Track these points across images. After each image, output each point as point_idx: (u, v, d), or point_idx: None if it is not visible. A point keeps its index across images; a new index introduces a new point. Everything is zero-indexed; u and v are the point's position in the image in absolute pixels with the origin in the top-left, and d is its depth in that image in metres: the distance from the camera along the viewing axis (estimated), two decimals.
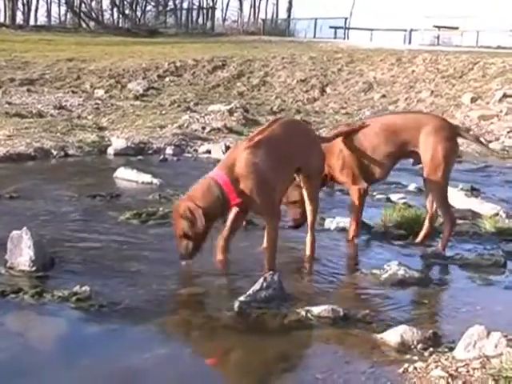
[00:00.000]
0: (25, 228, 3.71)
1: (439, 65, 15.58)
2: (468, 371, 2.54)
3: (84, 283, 3.37)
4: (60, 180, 6.48)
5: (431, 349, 2.85)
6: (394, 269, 3.81)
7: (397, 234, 4.73)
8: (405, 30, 31.96)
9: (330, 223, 4.89)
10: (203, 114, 10.97)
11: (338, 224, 4.84)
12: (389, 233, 4.77)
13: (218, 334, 3.04)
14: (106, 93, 13.52)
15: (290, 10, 41.34)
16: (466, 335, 2.76)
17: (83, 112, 11.01)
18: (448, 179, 4.39)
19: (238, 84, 15.56)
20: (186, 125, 10.07)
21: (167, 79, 15.55)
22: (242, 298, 3.28)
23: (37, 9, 39.62)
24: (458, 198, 5.67)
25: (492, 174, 7.85)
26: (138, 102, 12.51)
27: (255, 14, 42.41)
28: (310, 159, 3.97)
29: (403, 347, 2.88)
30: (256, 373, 2.73)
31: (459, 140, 4.54)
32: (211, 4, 42.43)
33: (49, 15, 40.90)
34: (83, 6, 39.20)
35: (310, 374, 2.68)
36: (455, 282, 3.95)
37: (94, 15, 39.34)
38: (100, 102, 12.16)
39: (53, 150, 7.79)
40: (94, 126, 9.75)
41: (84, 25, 36.71)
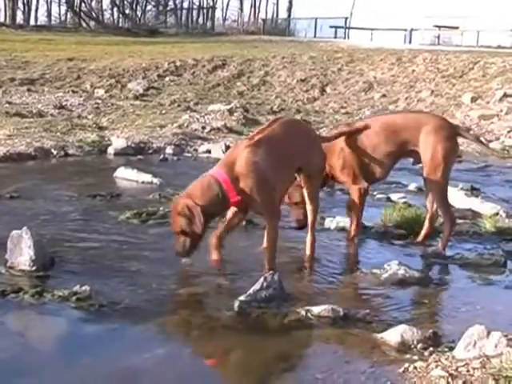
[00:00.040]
0: (25, 228, 3.71)
1: (439, 64, 15.57)
2: (468, 371, 2.54)
3: (84, 283, 3.37)
4: (60, 180, 6.48)
5: (431, 348, 2.85)
6: (394, 268, 3.81)
7: (397, 234, 4.74)
8: (405, 30, 31.97)
9: (330, 223, 4.90)
10: (203, 114, 10.97)
11: (338, 223, 4.84)
12: (389, 232, 4.77)
13: (217, 334, 3.04)
14: (106, 92, 13.51)
15: (290, 10, 41.39)
16: (466, 335, 2.76)
17: (83, 112, 11.01)
18: (448, 179, 4.39)
19: (238, 83, 15.56)
20: (186, 124, 10.07)
21: (167, 79, 15.54)
22: (242, 297, 3.28)
23: (37, 8, 39.68)
24: (458, 198, 5.66)
25: (492, 174, 7.85)
26: (138, 102, 12.51)
27: (255, 14, 42.48)
28: (311, 159, 3.97)
29: (403, 347, 2.88)
30: (256, 373, 2.73)
31: (459, 140, 4.54)
32: (211, 4, 42.47)
33: (49, 15, 40.92)
34: (83, 5, 39.22)
35: (309, 373, 2.68)
36: (455, 281, 3.95)
37: (94, 15, 39.35)
38: (100, 101, 12.15)
39: (53, 149, 7.79)
40: (94, 125, 9.75)
41: (84, 24, 36.71)
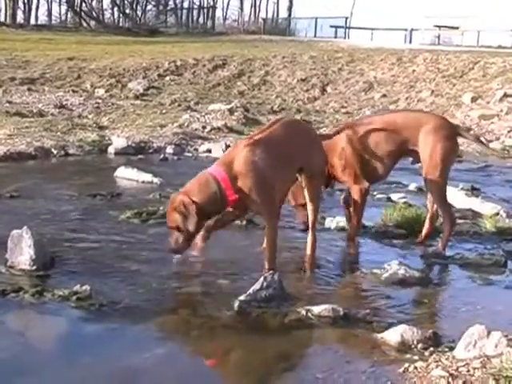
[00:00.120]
0: (25, 227, 3.71)
1: (440, 64, 15.57)
2: (468, 371, 2.54)
3: (84, 282, 3.37)
4: (60, 179, 6.48)
5: (431, 348, 2.85)
6: (394, 268, 3.80)
7: (397, 234, 4.74)
8: (405, 30, 31.96)
9: (330, 223, 4.89)
10: (203, 114, 10.97)
11: (339, 223, 4.84)
12: (389, 232, 4.77)
13: (217, 334, 3.04)
14: (106, 92, 13.52)
15: (290, 9, 41.39)
16: (467, 335, 2.76)
17: (84, 111, 11.01)
18: (447, 179, 4.38)
19: (238, 83, 15.55)
20: (186, 124, 10.07)
21: (168, 78, 15.54)
22: (242, 297, 3.28)
23: (37, 8, 39.63)
24: (458, 198, 5.67)
25: (492, 174, 7.85)
26: (138, 102, 12.51)
27: (256, 13, 42.48)
28: (312, 159, 3.97)
29: (403, 347, 2.88)
30: (256, 372, 2.73)
31: (460, 139, 4.53)
32: (212, 3, 42.46)
33: (49, 14, 40.91)
34: (84, 5, 39.20)
35: (310, 373, 2.68)
36: (455, 281, 3.95)
37: (94, 14, 39.34)
38: (100, 101, 12.15)
39: (53, 149, 7.80)
40: (95, 125, 9.75)
41: (85, 24, 36.70)
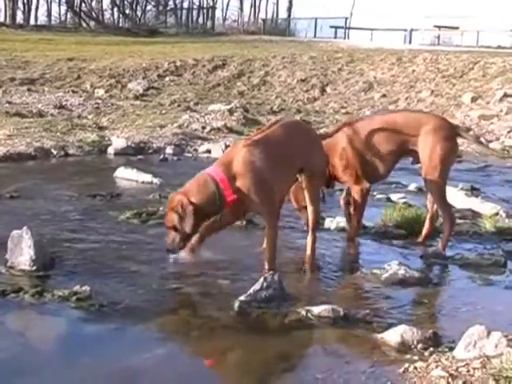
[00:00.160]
0: (25, 227, 3.71)
1: (439, 64, 15.57)
2: (468, 371, 2.54)
3: (84, 283, 3.37)
4: (60, 179, 6.48)
5: (431, 348, 2.85)
6: (394, 268, 3.80)
7: (397, 234, 4.74)
8: (405, 30, 31.97)
9: (330, 223, 4.89)
10: (203, 114, 10.97)
11: (338, 224, 4.84)
12: (389, 232, 4.77)
13: (217, 334, 3.04)
14: (106, 92, 13.52)
15: (290, 10, 41.37)
16: (467, 335, 2.76)
17: (83, 111, 11.01)
18: (446, 179, 4.38)
19: (238, 84, 15.56)
20: (186, 124, 10.07)
21: (167, 79, 15.54)
22: (242, 297, 3.28)
23: (37, 8, 39.65)
24: (458, 198, 5.66)
25: (492, 174, 7.85)
26: (138, 102, 12.51)
27: (255, 14, 42.48)
28: (312, 159, 3.96)
29: (403, 347, 2.88)
30: (256, 373, 2.73)
31: (459, 140, 4.54)
32: (211, 4, 42.47)
33: (49, 15, 40.90)
34: (83, 5, 39.23)
35: (310, 373, 2.68)
36: (455, 281, 3.95)
37: (94, 15, 39.35)
38: (100, 101, 12.15)
39: (53, 149, 7.80)
40: (94, 125, 9.75)
41: (84, 24, 36.72)
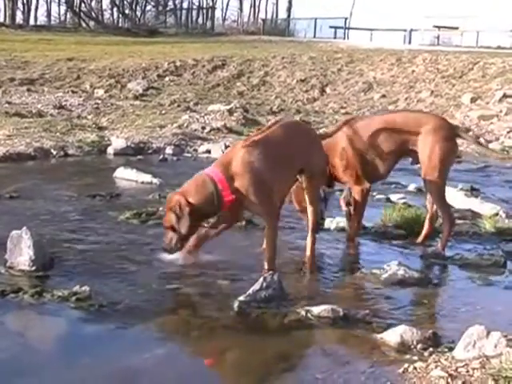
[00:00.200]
0: (24, 228, 3.71)
1: (439, 65, 15.57)
2: (468, 371, 2.54)
3: (84, 283, 3.37)
4: (60, 180, 6.48)
5: (431, 349, 2.85)
6: (393, 269, 3.81)
7: (397, 234, 4.74)
8: (405, 30, 31.97)
9: (329, 223, 4.89)
10: (203, 114, 10.97)
11: (338, 224, 4.84)
12: (389, 233, 4.77)
13: (217, 334, 3.04)
14: (105, 92, 13.51)
15: (289, 10, 41.35)
16: (466, 335, 2.76)
17: (83, 112, 11.01)
18: (445, 179, 4.38)
19: (237, 84, 15.56)
20: (185, 124, 10.07)
21: (167, 79, 15.54)
22: (242, 297, 3.28)
23: (37, 8, 39.64)
24: (457, 198, 5.67)
25: (492, 174, 7.85)
26: (137, 102, 12.51)
27: (255, 14, 42.47)
28: (312, 159, 3.96)
29: (403, 347, 2.89)
30: (256, 373, 2.73)
31: (459, 140, 4.54)
32: (211, 4, 42.46)
33: (49, 15, 40.89)
34: (83, 5, 39.23)
35: (309, 373, 2.68)
36: (455, 282, 3.95)
37: (93, 15, 39.34)
38: (100, 101, 12.15)
39: (52, 149, 7.80)
40: (94, 125, 9.75)
41: (84, 24, 36.72)
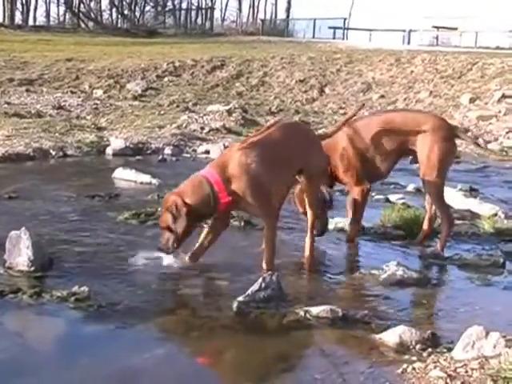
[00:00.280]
0: (23, 228, 3.71)
1: (438, 65, 15.57)
2: (466, 372, 2.54)
3: (83, 283, 3.37)
4: (59, 180, 6.48)
5: (430, 349, 2.85)
6: (392, 269, 3.80)
7: (396, 235, 4.74)
8: (404, 31, 32.03)
9: (329, 223, 4.88)
10: (202, 115, 10.97)
11: (337, 224, 4.83)
12: (388, 233, 4.77)
13: (216, 334, 3.04)
14: (104, 93, 13.51)
15: (288, 10, 41.38)
16: (465, 335, 2.76)
17: (82, 112, 11.00)
18: (445, 179, 4.38)
19: (236, 84, 15.56)
20: (184, 125, 10.07)
21: (166, 79, 15.54)
22: (241, 298, 3.28)
23: (36, 9, 39.69)
24: (456, 199, 5.67)
25: (491, 175, 7.86)
26: (136, 102, 12.50)
27: (254, 14, 42.47)
28: (311, 160, 3.95)
29: (402, 348, 2.88)
30: (255, 373, 2.72)
31: (458, 140, 4.54)
32: (210, 4, 42.46)
33: (48, 15, 40.89)
34: (82, 6, 39.23)
35: (308, 374, 2.68)
36: (454, 282, 3.95)
37: (92, 15, 39.36)
38: (99, 102, 12.14)
39: (51, 150, 7.79)
40: (93, 126, 9.74)
41: (83, 25, 36.74)
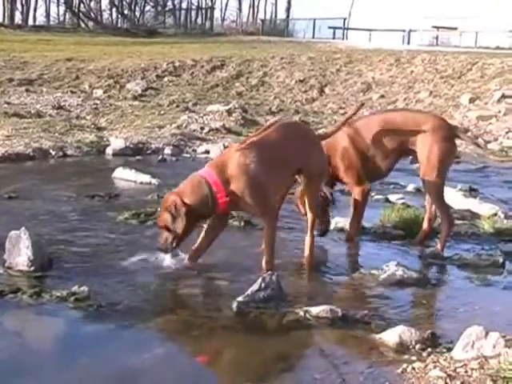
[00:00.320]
0: (23, 228, 3.71)
1: (438, 65, 15.57)
2: (466, 371, 2.54)
3: (82, 283, 3.37)
4: (58, 180, 6.48)
5: (429, 349, 2.85)
6: (392, 269, 3.80)
7: (395, 235, 4.74)
8: (403, 31, 32.05)
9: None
10: (202, 115, 10.97)
11: (337, 224, 4.83)
12: (387, 233, 4.77)
13: (216, 334, 3.04)
14: (104, 93, 13.51)
15: (288, 10, 41.41)
16: (465, 335, 2.76)
17: (82, 112, 11.00)
18: (444, 179, 4.38)
19: (236, 84, 15.56)
20: (184, 125, 10.07)
21: (166, 79, 15.54)
22: (241, 298, 3.28)
23: (35, 9, 39.68)
24: (456, 199, 5.67)
25: (490, 175, 7.86)
26: (136, 102, 12.50)
27: (254, 14, 42.50)
28: (310, 160, 3.95)
29: (401, 347, 2.88)
30: (254, 373, 2.72)
31: (458, 140, 4.54)
32: (210, 4, 42.46)
33: (48, 15, 40.89)
34: (82, 5, 39.23)
35: (308, 374, 2.68)
36: (453, 282, 3.95)
37: (92, 15, 39.37)
38: (99, 102, 12.14)
39: (51, 150, 7.79)
40: (93, 126, 9.74)
41: (83, 25, 36.74)
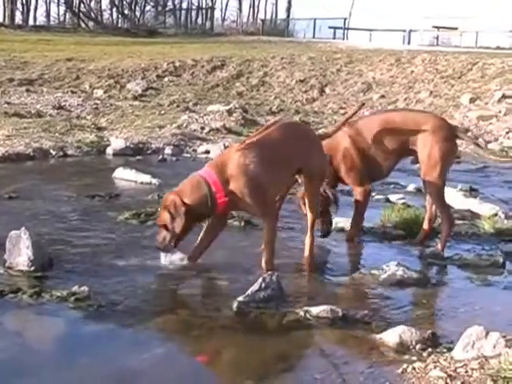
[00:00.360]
0: (23, 228, 3.71)
1: (438, 65, 15.57)
2: (466, 371, 2.54)
3: (83, 283, 3.37)
4: (59, 180, 6.48)
5: (430, 349, 2.85)
6: (392, 269, 3.80)
7: (396, 235, 4.74)
8: (404, 31, 32.04)
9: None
10: (202, 114, 10.97)
11: (337, 224, 4.83)
12: (388, 233, 4.77)
13: (216, 334, 3.04)
14: (104, 93, 13.51)
15: (289, 10, 41.40)
16: (465, 335, 2.76)
17: (82, 112, 11.00)
18: (445, 179, 4.38)
19: (237, 84, 15.55)
20: (184, 125, 10.06)
21: (166, 79, 15.53)
22: (241, 298, 3.28)
23: (36, 9, 39.70)
24: (456, 199, 5.67)
25: (491, 175, 7.86)
26: (136, 102, 12.50)
27: (254, 14, 42.49)
28: (310, 160, 3.94)
29: (402, 347, 2.88)
30: (254, 373, 2.72)
31: (458, 140, 4.54)
32: (210, 4, 42.47)
33: (48, 15, 40.89)
34: (82, 5, 39.24)
35: (308, 374, 2.68)
36: (454, 282, 3.95)
37: (93, 15, 39.36)
38: (99, 102, 12.14)
39: (52, 150, 7.79)
40: (93, 126, 9.74)
41: (83, 25, 36.74)
